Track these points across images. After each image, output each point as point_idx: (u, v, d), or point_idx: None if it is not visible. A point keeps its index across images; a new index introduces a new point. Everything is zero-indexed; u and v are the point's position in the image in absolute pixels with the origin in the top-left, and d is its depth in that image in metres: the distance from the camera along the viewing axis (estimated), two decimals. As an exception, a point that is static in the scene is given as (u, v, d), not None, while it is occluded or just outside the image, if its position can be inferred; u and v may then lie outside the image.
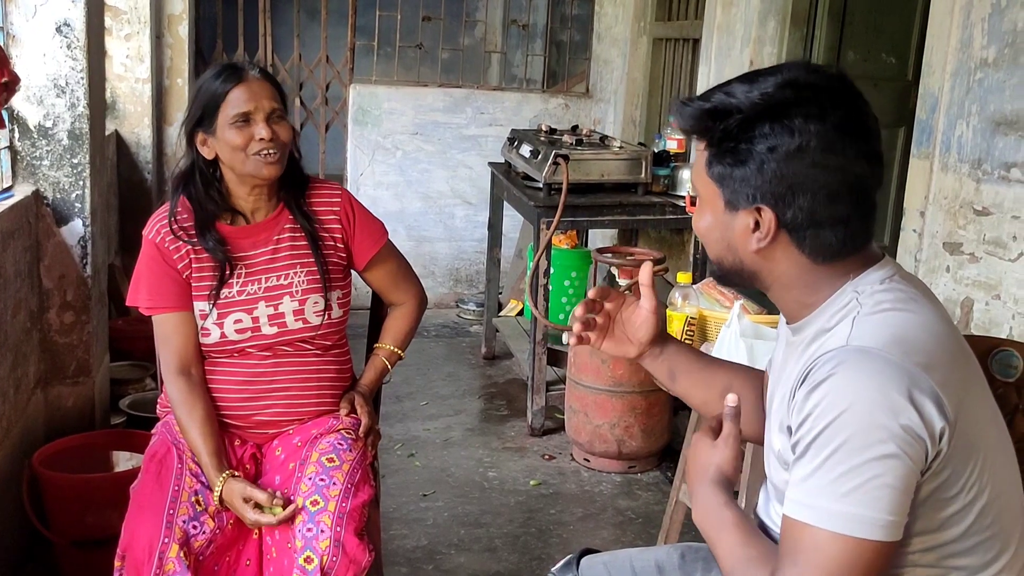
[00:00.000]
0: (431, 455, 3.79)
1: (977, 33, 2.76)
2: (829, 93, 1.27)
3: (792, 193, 1.26)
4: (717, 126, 1.29)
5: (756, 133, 1.25)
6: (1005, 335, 2.61)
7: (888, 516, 1.18)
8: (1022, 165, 2.60)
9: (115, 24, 4.71)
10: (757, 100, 1.26)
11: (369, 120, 5.60)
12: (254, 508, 1.94)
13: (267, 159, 2.04)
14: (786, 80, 1.27)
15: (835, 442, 1.18)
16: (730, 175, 1.29)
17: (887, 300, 1.28)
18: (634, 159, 4.10)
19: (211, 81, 2.07)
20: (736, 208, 1.31)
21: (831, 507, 1.19)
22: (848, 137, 1.25)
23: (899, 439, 1.17)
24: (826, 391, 1.20)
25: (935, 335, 1.26)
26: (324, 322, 2.15)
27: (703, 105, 1.30)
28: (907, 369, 1.19)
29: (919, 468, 1.19)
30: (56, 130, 2.90)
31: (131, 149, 4.85)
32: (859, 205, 1.28)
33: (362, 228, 2.24)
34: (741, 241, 1.32)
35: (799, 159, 1.24)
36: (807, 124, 1.23)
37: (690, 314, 2.78)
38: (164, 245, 2.08)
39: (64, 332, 3.00)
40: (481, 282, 5.57)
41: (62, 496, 2.69)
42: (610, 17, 5.73)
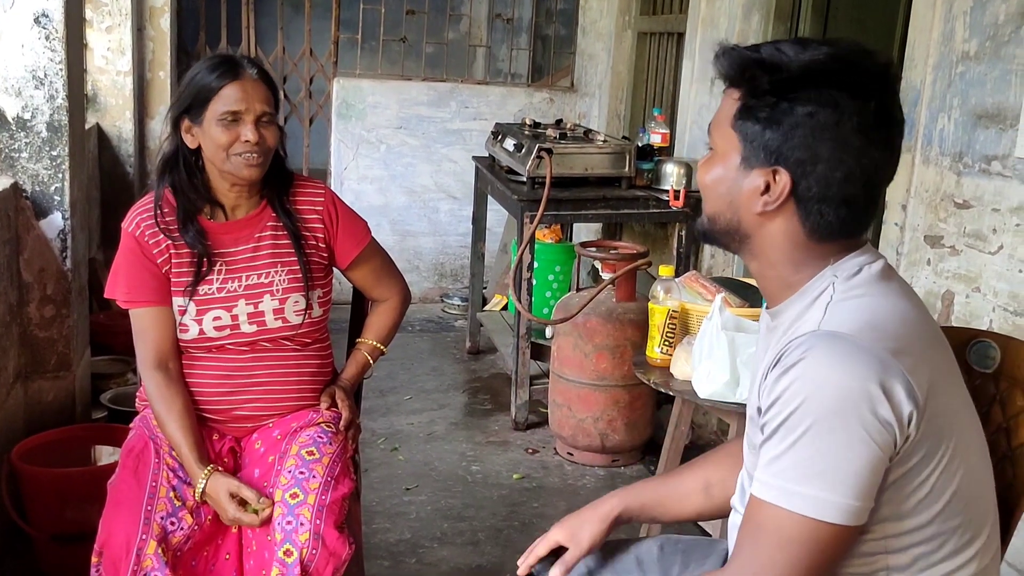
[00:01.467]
0: (414, 449, 3.78)
1: (959, 26, 2.77)
2: (876, 78, 1.26)
3: (814, 163, 1.25)
4: (763, 78, 1.26)
5: (799, 96, 1.24)
6: (985, 327, 2.62)
7: (853, 501, 1.19)
8: (1003, 158, 2.61)
9: (96, 16, 4.69)
10: (808, 63, 1.24)
11: (353, 114, 5.59)
12: (238, 505, 1.93)
13: (248, 161, 2.02)
14: (839, 53, 1.25)
15: (804, 425, 1.19)
16: (759, 132, 1.27)
17: (861, 286, 1.28)
18: (618, 153, 4.09)
19: (207, 72, 2.03)
20: (751, 166, 1.29)
21: (797, 489, 1.20)
22: (881, 125, 1.25)
23: (868, 424, 1.17)
24: (796, 374, 1.20)
25: (907, 322, 1.27)
26: (304, 321, 2.13)
27: (752, 55, 1.28)
28: (877, 354, 1.19)
29: (887, 454, 1.20)
30: (35, 122, 2.87)
31: (113, 142, 4.83)
32: (869, 191, 1.29)
33: (345, 228, 2.22)
34: (747, 200, 1.31)
35: (832, 132, 1.23)
36: (851, 101, 1.23)
37: (672, 308, 2.78)
38: (143, 238, 2.06)
39: (44, 326, 2.98)
40: (465, 276, 5.56)
41: (41, 490, 2.68)
42: (595, 11, 5.73)
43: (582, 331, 3.60)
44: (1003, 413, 1.62)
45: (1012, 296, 2.57)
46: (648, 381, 2.75)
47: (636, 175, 4.11)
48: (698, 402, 2.62)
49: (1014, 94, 2.56)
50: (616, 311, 3.58)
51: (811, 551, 1.21)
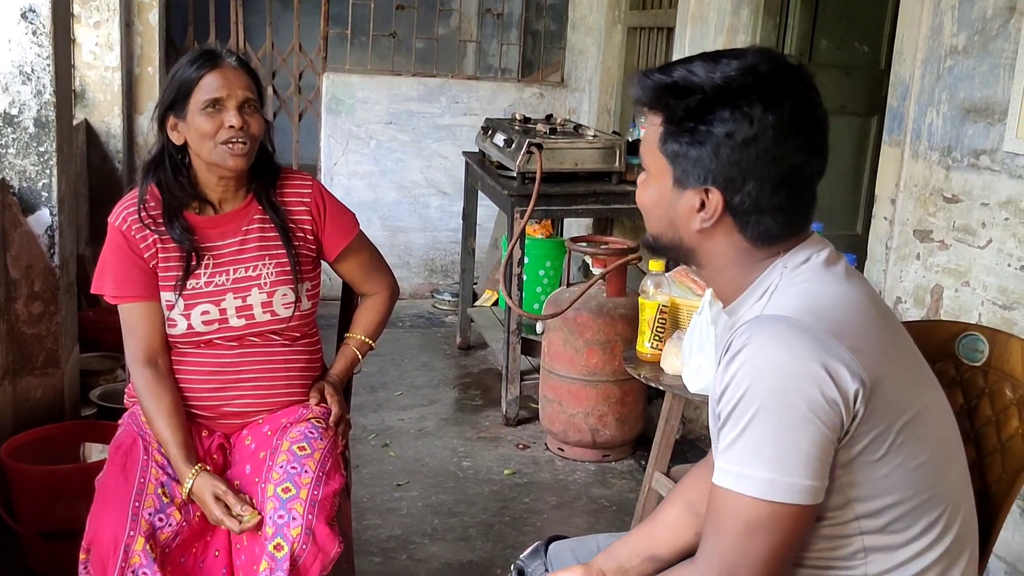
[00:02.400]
0: (405, 445, 3.78)
1: (947, 20, 2.77)
2: (786, 84, 1.28)
3: (743, 179, 1.28)
4: (678, 103, 1.29)
5: (716, 116, 1.27)
6: (974, 321, 2.63)
7: (805, 480, 1.22)
8: (991, 152, 2.61)
9: (84, 11, 4.67)
10: (719, 83, 1.27)
11: (343, 109, 5.57)
12: (223, 508, 1.93)
13: (234, 150, 2.01)
14: (748, 66, 1.28)
15: (751, 409, 1.22)
16: (684, 154, 1.30)
17: (804, 273, 1.32)
18: (608, 148, 4.09)
19: (186, 66, 2.04)
20: (684, 187, 1.32)
21: (751, 473, 1.22)
22: (799, 129, 1.28)
23: (813, 404, 1.20)
24: (742, 361, 1.23)
25: (850, 304, 1.30)
26: (293, 314, 2.13)
27: (664, 80, 1.31)
28: (817, 335, 1.22)
29: (835, 433, 1.23)
30: (22, 118, 2.86)
31: (101, 138, 4.81)
32: (799, 195, 1.32)
33: (333, 220, 2.22)
34: (684, 219, 1.34)
35: (753, 147, 1.26)
36: (765, 114, 1.26)
37: (662, 302, 2.78)
38: (130, 233, 2.05)
39: (32, 323, 2.97)
40: (456, 272, 5.55)
41: (30, 488, 2.67)
42: (585, 6, 5.72)
43: (572, 326, 3.60)
44: (992, 406, 1.63)
45: (1001, 290, 2.57)
46: (639, 376, 2.75)
47: (626, 170, 4.11)
48: (688, 396, 2.62)
49: (1002, 88, 2.56)
50: (607, 306, 3.58)
51: (771, 533, 1.23)
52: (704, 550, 1.30)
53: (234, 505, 1.93)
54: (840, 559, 1.31)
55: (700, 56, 1.32)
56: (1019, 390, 1.60)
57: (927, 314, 2.83)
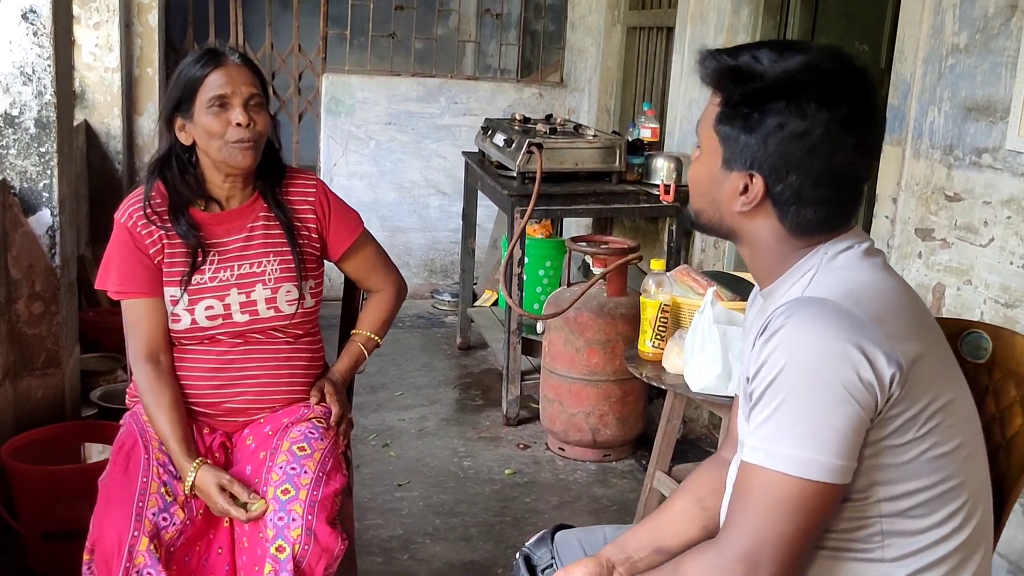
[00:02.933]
0: (406, 445, 3.78)
1: (948, 19, 2.77)
2: (846, 84, 1.31)
3: (786, 170, 1.31)
4: (737, 88, 1.33)
5: (770, 106, 1.30)
6: (977, 320, 2.63)
7: (836, 460, 1.23)
8: (993, 151, 2.61)
9: (83, 12, 4.66)
10: (779, 74, 1.30)
11: (342, 110, 5.57)
12: (228, 498, 1.93)
13: (242, 147, 2.02)
14: (811, 61, 1.30)
15: (787, 387, 1.23)
16: (735, 138, 1.34)
17: (846, 260, 1.35)
18: (608, 148, 4.09)
19: (190, 66, 2.05)
20: (731, 168, 1.36)
21: (783, 451, 1.24)
22: (851, 130, 1.30)
23: (849, 384, 1.21)
24: (779, 340, 1.24)
25: (888, 292, 1.33)
26: (297, 311, 2.13)
27: (729, 62, 1.34)
28: (857, 317, 1.24)
29: (869, 415, 1.24)
30: (23, 119, 2.86)
31: (101, 139, 4.80)
32: (841, 191, 1.34)
33: (337, 219, 2.22)
34: (727, 200, 1.38)
35: (801, 141, 1.29)
36: (819, 111, 1.28)
37: (664, 301, 2.78)
38: (136, 229, 2.06)
39: (33, 323, 2.96)
40: (456, 272, 5.55)
41: (31, 488, 2.66)
42: (584, 6, 5.72)
43: (573, 326, 3.60)
44: (996, 404, 1.63)
45: (1003, 288, 2.57)
46: (640, 375, 2.75)
47: (626, 170, 4.11)
48: (690, 396, 2.62)
49: (1004, 86, 2.56)
50: (607, 306, 3.58)
51: (800, 509, 1.24)
52: (729, 528, 1.30)
53: (240, 493, 1.93)
54: (857, 541, 1.32)
55: (769, 44, 1.35)
56: (1023, 387, 1.60)
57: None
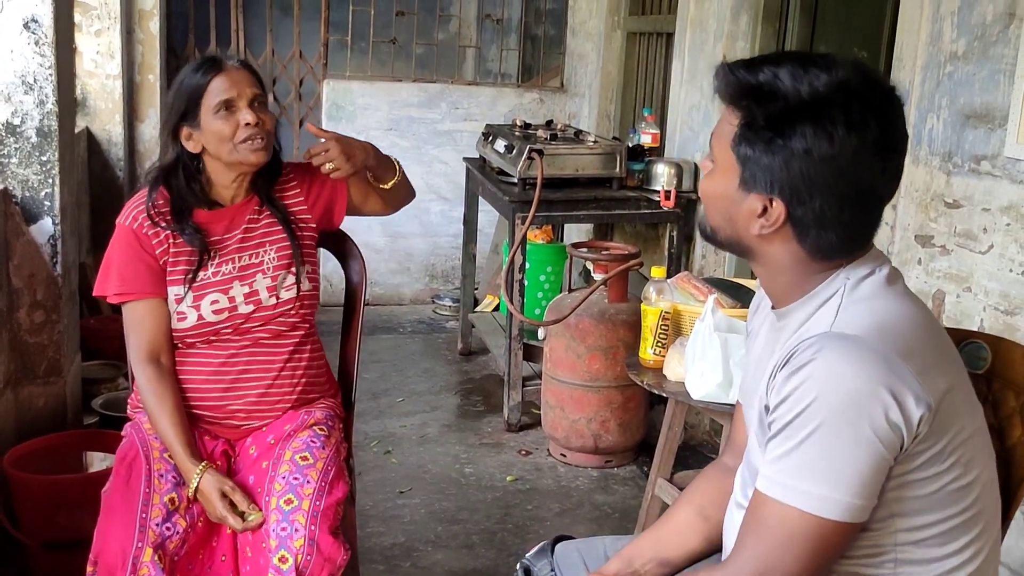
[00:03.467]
0: (407, 452, 3.78)
1: (947, 26, 2.78)
2: (877, 105, 1.25)
3: (809, 194, 1.25)
4: (759, 109, 1.26)
5: (796, 130, 1.23)
6: (976, 327, 2.63)
7: (855, 500, 1.21)
8: (992, 158, 2.61)
9: (85, 20, 4.66)
10: (805, 96, 1.23)
11: (343, 116, 5.57)
12: (228, 506, 1.94)
13: (254, 146, 2.05)
14: (840, 81, 1.23)
15: (812, 424, 1.21)
16: (756, 160, 1.27)
17: (871, 288, 1.30)
18: (608, 154, 4.10)
19: (191, 75, 2.07)
20: (750, 190, 1.30)
21: (801, 486, 1.22)
22: (880, 151, 1.25)
23: (876, 426, 1.19)
24: (806, 375, 1.21)
25: (917, 324, 1.29)
26: (298, 295, 2.16)
27: (749, 80, 1.27)
28: (887, 356, 1.21)
29: (893, 455, 1.22)
30: (24, 128, 2.86)
31: (102, 146, 4.80)
32: (866, 214, 1.30)
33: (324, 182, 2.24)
34: (744, 221, 1.32)
35: (827, 166, 1.23)
36: (848, 135, 1.22)
37: (664, 309, 2.78)
38: (142, 231, 2.08)
39: (34, 331, 2.97)
40: (457, 278, 5.55)
41: (33, 497, 2.67)
42: (584, 11, 5.73)
43: (574, 332, 3.61)
44: (995, 414, 1.63)
45: (1003, 295, 2.58)
46: (641, 383, 2.75)
47: (627, 176, 4.12)
48: (691, 403, 2.62)
49: (1003, 94, 2.57)
50: (608, 312, 3.58)
51: (814, 546, 1.23)
52: (739, 555, 1.30)
53: (240, 503, 1.95)
54: (870, 567, 1.31)
55: (789, 58, 1.27)
56: (1022, 397, 1.60)
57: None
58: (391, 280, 5.77)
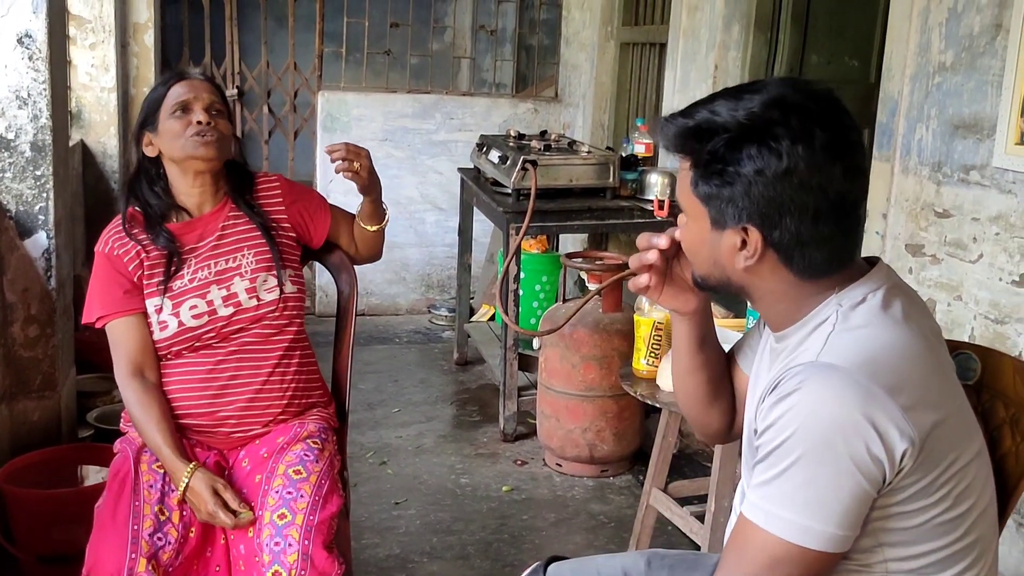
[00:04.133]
0: (403, 463, 3.78)
1: (935, 37, 2.80)
2: (817, 112, 1.25)
3: (779, 214, 1.25)
4: (703, 147, 1.27)
5: (743, 155, 1.24)
6: (967, 335, 2.65)
7: (836, 530, 1.22)
8: (981, 168, 2.63)
9: (79, 33, 4.68)
10: (743, 120, 1.24)
11: (338, 127, 5.59)
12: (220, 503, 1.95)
13: (201, 139, 2.11)
14: (772, 98, 1.25)
15: (795, 454, 1.21)
16: (716, 195, 1.28)
17: (863, 316, 1.29)
18: (602, 164, 4.11)
19: (155, 87, 2.21)
20: (723, 227, 1.30)
21: (783, 514, 1.22)
22: (834, 157, 1.24)
23: (857, 458, 1.19)
24: (791, 404, 1.22)
25: (906, 354, 1.26)
26: (280, 297, 2.18)
27: (687, 123, 1.29)
28: (872, 391, 1.20)
29: (875, 488, 1.22)
30: (18, 142, 2.87)
31: (97, 159, 4.82)
32: (844, 222, 1.28)
33: (307, 203, 2.34)
34: (728, 259, 1.32)
35: (786, 181, 1.23)
36: (794, 146, 1.22)
37: (658, 319, 2.79)
38: (113, 252, 2.13)
39: (29, 346, 2.97)
40: (452, 287, 5.56)
41: (28, 512, 2.67)
42: (578, 22, 5.75)
43: (569, 342, 3.62)
44: (985, 425, 1.63)
45: (993, 304, 2.59)
46: (635, 393, 2.76)
47: (621, 185, 4.13)
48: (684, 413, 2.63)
49: (990, 104, 2.59)
50: (603, 322, 3.59)
51: (793, 572, 1.23)
52: (722, 571, 1.30)
53: (231, 500, 1.97)
54: None
55: (722, 93, 1.29)
56: (1012, 408, 1.61)
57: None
58: (387, 290, 5.78)
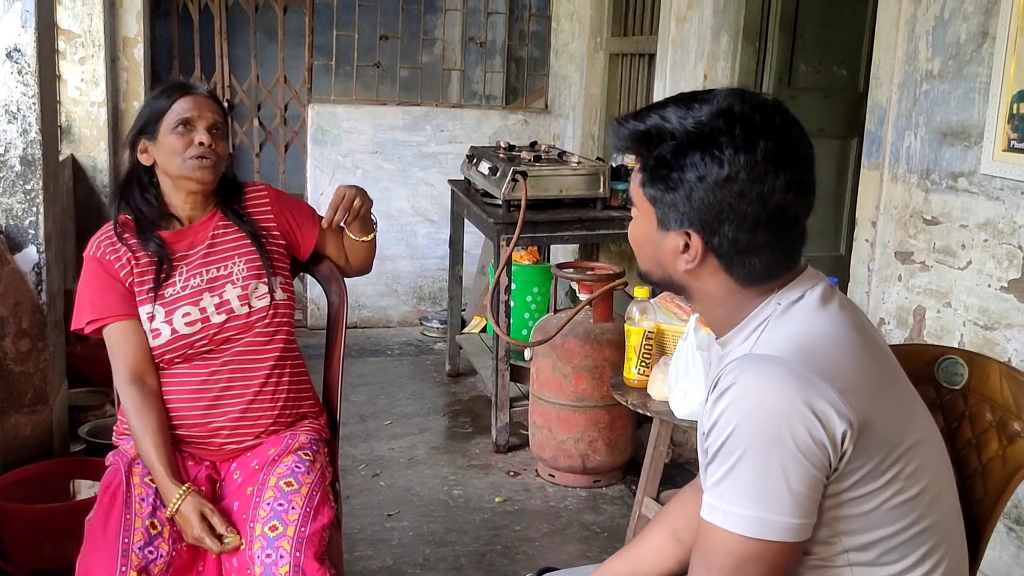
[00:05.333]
0: (396, 474, 3.78)
1: (922, 46, 2.82)
2: (762, 123, 1.27)
3: (719, 221, 1.28)
4: (651, 152, 1.30)
5: (687, 161, 1.27)
6: (956, 342, 2.66)
7: (793, 519, 1.23)
8: (969, 175, 2.65)
9: (69, 47, 4.68)
10: (691, 128, 1.27)
11: (328, 139, 5.60)
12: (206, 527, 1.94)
13: (201, 162, 2.12)
14: (720, 109, 1.27)
15: (740, 449, 1.22)
16: (661, 198, 1.31)
17: (798, 311, 1.32)
18: (592, 174, 4.12)
19: (159, 95, 2.19)
20: (667, 228, 1.33)
21: (739, 511, 1.23)
22: (777, 168, 1.26)
23: (800, 444, 1.21)
24: (729, 399, 1.24)
25: (841, 343, 1.30)
26: (271, 304, 2.19)
27: (638, 127, 1.32)
28: (806, 376, 1.22)
29: (823, 473, 1.23)
30: (8, 156, 2.87)
31: (87, 173, 4.82)
32: (783, 234, 1.30)
33: (295, 213, 2.36)
34: (670, 260, 1.35)
35: (726, 188, 1.25)
36: (736, 155, 1.24)
37: (648, 328, 2.80)
38: (105, 257, 2.13)
39: (20, 360, 2.97)
40: (444, 299, 5.56)
41: (19, 527, 2.66)
42: (567, 33, 5.77)
43: (561, 352, 3.62)
44: (972, 429, 1.65)
45: (982, 311, 2.60)
46: (626, 403, 2.77)
47: (611, 196, 4.15)
48: (676, 422, 2.64)
49: (977, 111, 2.61)
50: (594, 332, 3.60)
51: (759, 570, 1.25)
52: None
53: (218, 525, 1.96)
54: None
55: (675, 99, 1.32)
56: (998, 413, 1.62)
57: (910, 335, 2.86)
58: (379, 303, 5.78)
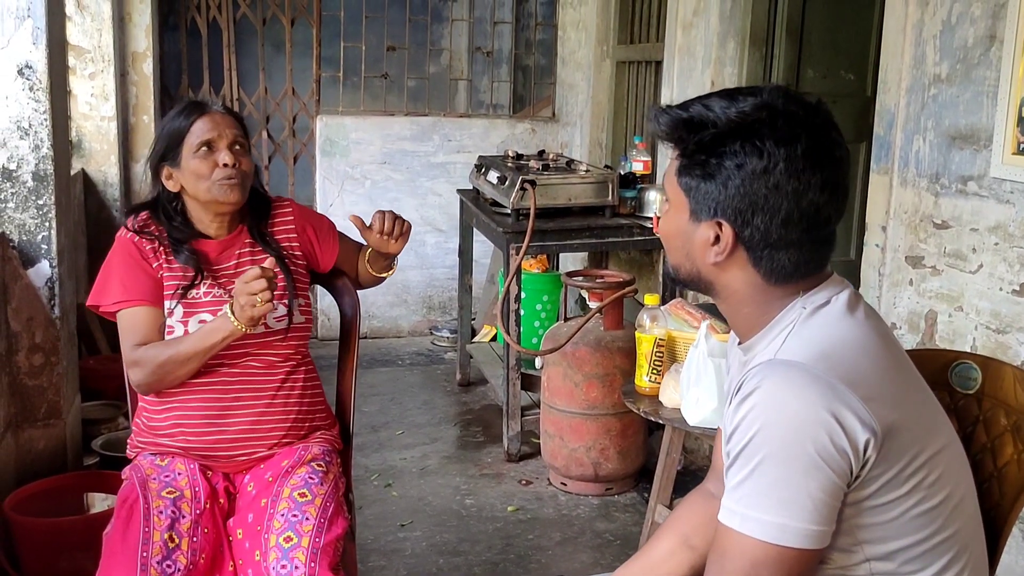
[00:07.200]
0: (408, 484, 3.78)
1: (930, 50, 2.82)
2: (804, 120, 1.29)
3: (752, 211, 1.29)
4: (691, 137, 1.32)
5: (727, 149, 1.28)
6: (968, 346, 2.65)
7: (812, 526, 1.22)
8: (978, 178, 2.64)
9: (79, 63, 4.71)
10: (733, 117, 1.29)
11: (337, 151, 5.61)
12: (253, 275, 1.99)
13: (229, 183, 2.13)
14: (764, 102, 1.29)
15: (761, 453, 1.22)
16: (697, 187, 1.32)
17: (822, 317, 1.32)
18: (601, 182, 4.13)
19: (175, 117, 2.18)
20: (699, 219, 1.34)
21: (758, 516, 1.23)
22: (814, 166, 1.27)
23: (822, 451, 1.20)
24: (752, 403, 1.24)
25: (866, 351, 1.30)
26: (288, 327, 2.20)
27: (681, 115, 1.33)
28: (830, 383, 1.22)
29: (844, 481, 1.23)
30: (20, 172, 2.89)
31: (98, 187, 4.84)
32: (812, 233, 1.31)
33: (319, 228, 2.37)
34: (700, 252, 1.36)
35: (763, 180, 1.27)
36: (777, 147, 1.26)
37: (659, 336, 2.80)
38: (143, 244, 2.16)
39: (33, 374, 2.98)
40: (454, 309, 5.57)
41: (34, 541, 2.67)
42: (573, 42, 5.78)
43: (571, 361, 3.62)
44: (987, 433, 1.64)
45: (994, 314, 2.60)
46: (638, 410, 2.76)
47: (620, 203, 4.15)
48: (688, 429, 2.63)
49: (986, 115, 2.60)
50: (604, 339, 3.60)
51: (775, 574, 1.24)
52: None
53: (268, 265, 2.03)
54: None
55: (719, 92, 1.34)
56: (1013, 416, 1.62)
57: (922, 339, 2.85)
58: (389, 313, 5.79)
